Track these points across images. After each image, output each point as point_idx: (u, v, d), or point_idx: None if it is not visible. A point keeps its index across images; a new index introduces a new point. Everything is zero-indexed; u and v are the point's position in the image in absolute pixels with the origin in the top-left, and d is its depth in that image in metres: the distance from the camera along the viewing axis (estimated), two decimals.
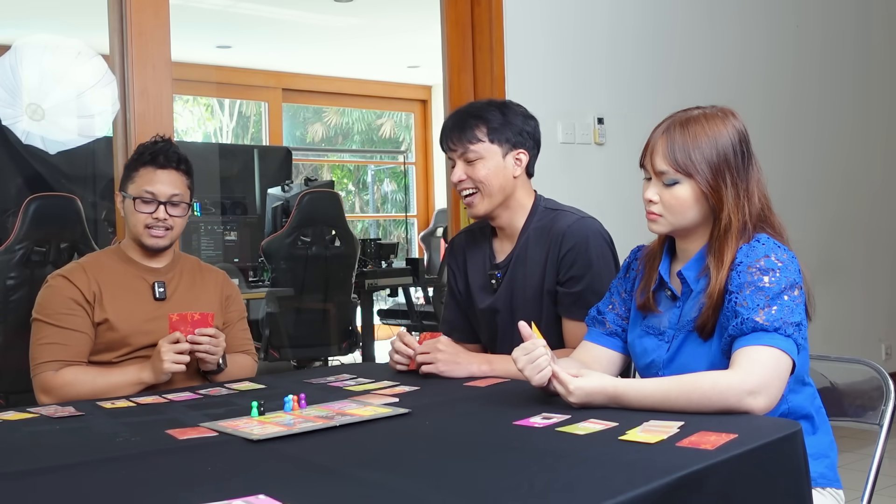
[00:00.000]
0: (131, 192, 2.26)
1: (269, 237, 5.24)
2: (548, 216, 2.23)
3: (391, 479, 1.27)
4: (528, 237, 2.23)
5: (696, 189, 1.71)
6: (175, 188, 2.27)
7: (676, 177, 1.71)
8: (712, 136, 1.71)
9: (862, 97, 5.21)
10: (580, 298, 2.12)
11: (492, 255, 2.32)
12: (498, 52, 3.56)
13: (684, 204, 1.72)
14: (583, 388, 1.62)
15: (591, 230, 2.18)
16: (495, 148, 2.20)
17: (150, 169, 2.25)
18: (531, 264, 2.21)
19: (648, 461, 1.30)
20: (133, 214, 2.25)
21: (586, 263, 2.14)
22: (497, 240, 2.33)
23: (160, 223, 2.24)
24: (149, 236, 2.25)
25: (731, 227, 1.70)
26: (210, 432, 1.56)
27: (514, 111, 2.25)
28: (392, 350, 2.17)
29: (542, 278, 2.19)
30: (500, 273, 2.26)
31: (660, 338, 1.79)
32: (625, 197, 3.67)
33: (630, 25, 4.06)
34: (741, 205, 1.70)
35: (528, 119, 2.27)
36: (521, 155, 2.23)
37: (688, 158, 1.70)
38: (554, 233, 2.19)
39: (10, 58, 3.34)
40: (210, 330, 2.16)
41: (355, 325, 5.46)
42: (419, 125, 9.10)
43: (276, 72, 7.96)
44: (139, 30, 2.85)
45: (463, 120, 2.22)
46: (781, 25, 4.76)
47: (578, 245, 2.15)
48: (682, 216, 1.73)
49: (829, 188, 4.97)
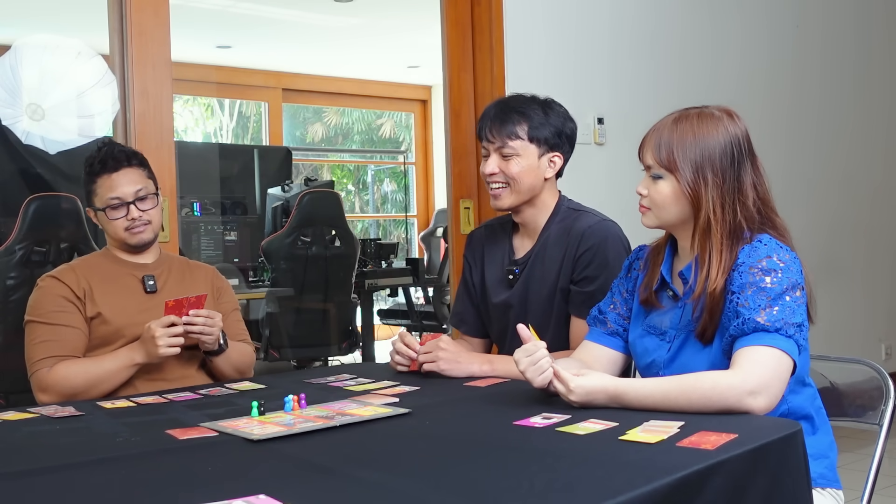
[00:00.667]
0: (98, 205, 2.26)
1: (269, 237, 5.24)
2: (570, 216, 2.24)
3: (391, 479, 1.27)
4: (549, 236, 2.23)
5: (676, 186, 1.72)
6: (136, 184, 2.26)
7: (660, 171, 1.74)
8: (699, 136, 1.72)
9: (862, 97, 5.21)
10: (592, 298, 2.12)
11: (511, 251, 2.32)
12: (498, 52, 3.56)
13: (666, 199, 1.74)
14: (583, 386, 1.63)
15: (610, 232, 2.19)
16: (533, 147, 2.19)
17: (104, 177, 2.25)
18: (549, 262, 2.22)
19: (648, 461, 1.30)
20: (109, 224, 2.26)
21: (602, 264, 2.15)
22: (517, 236, 2.33)
23: (137, 222, 2.25)
24: (132, 236, 2.26)
25: (710, 227, 1.70)
26: (210, 432, 1.56)
27: (557, 112, 2.24)
28: (393, 351, 2.18)
29: (557, 276, 2.19)
30: (518, 269, 2.26)
31: (661, 338, 1.79)
32: (625, 197, 3.66)
33: (630, 25, 4.06)
34: (727, 206, 1.70)
35: (567, 121, 2.26)
36: (556, 158, 2.22)
37: (671, 154, 1.72)
38: (574, 233, 2.19)
39: (10, 58, 3.34)
40: (204, 311, 2.17)
41: (355, 325, 5.46)
42: (419, 125, 9.10)
43: (276, 72, 7.96)
44: (139, 30, 2.85)
45: (505, 113, 2.20)
46: (781, 25, 4.76)
47: (596, 246, 2.16)
48: (665, 211, 1.75)
49: (830, 188, 4.96)
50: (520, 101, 2.24)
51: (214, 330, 2.20)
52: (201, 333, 2.17)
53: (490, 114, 2.23)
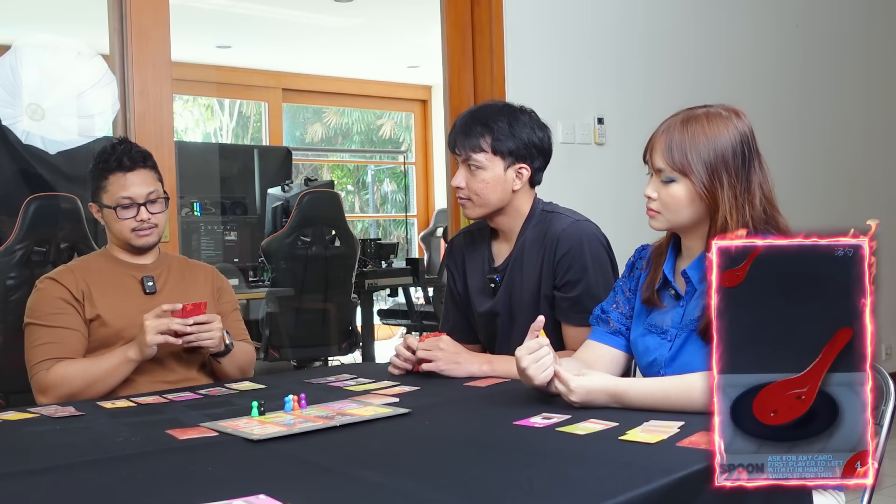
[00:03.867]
0: (107, 202, 2.25)
1: (269, 237, 5.24)
2: (545, 219, 2.22)
3: (391, 479, 1.27)
4: (525, 241, 2.22)
5: (691, 188, 1.71)
6: (149, 186, 2.26)
7: (673, 175, 1.72)
8: (711, 137, 1.70)
9: (863, 97, 5.21)
10: (577, 303, 2.12)
11: (490, 258, 2.30)
12: (498, 52, 3.56)
13: (680, 202, 1.72)
14: (584, 386, 1.63)
15: (585, 234, 2.16)
16: (497, 160, 2.17)
17: (118, 174, 2.23)
18: (528, 268, 2.20)
19: (648, 461, 1.31)
20: (116, 223, 2.25)
21: (581, 268, 2.13)
22: (496, 242, 2.31)
23: (145, 224, 2.25)
24: (137, 238, 2.26)
25: (727, 228, 1.69)
26: (210, 432, 1.56)
27: (523, 122, 2.19)
28: (395, 354, 2.16)
29: (538, 283, 2.18)
30: (499, 277, 2.25)
31: (662, 337, 1.79)
32: (625, 197, 3.68)
33: (630, 25, 4.06)
34: (740, 206, 1.70)
35: (536, 130, 2.21)
36: (523, 169, 2.19)
37: (684, 157, 1.70)
38: (549, 237, 2.17)
39: (10, 58, 3.34)
40: (203, 317, 2.16)
41: (355, 325, 5.46)
42: (419, 125, 9.10)
43: (276, 72, 7.96)
44: (139, 30, 2.85)
45: (470, 126, 2.18)
46: (781, 25, 4.76)
47: (573, 249, 2.14)
48: (678, 214, 1.74)
49: (831, 188, 4.96)
50: (487, 112, 2.20)
51: (215, 333, 2.19)
52: (197, 340, 2.16)
53: (457, 125, 2.22)
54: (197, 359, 2.29)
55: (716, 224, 1.70)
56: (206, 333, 2.16)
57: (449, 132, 2.26)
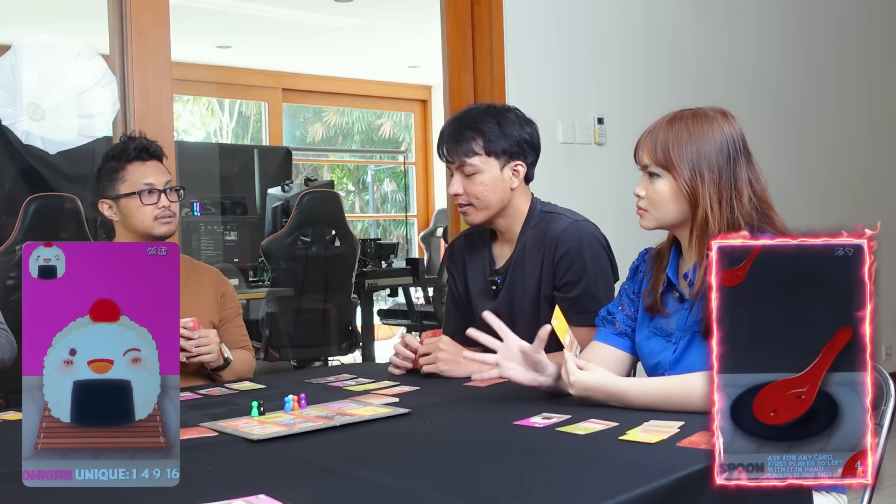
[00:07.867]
0: (126, 190, 2.25)
1: (269, 237, 5.24)
2: (544, 220, 2.22)
3: (391, 479, 1.27)
4: (526, 242, 2.22)
5: (674, 184, 1.73)
6: (166, 175, 2.30)
7: (657, 170, 1.75)
8: (694, 134, 1.73)
9: (863, 97, 5.21)
10: (577, 303, 2.12)
11: (491, 260, 2.30)
12: (498, 52, 3.56)
13: (664, 198, 1.75)
14: (583, 381, 1.64)
15: (584, 234, 2.17)
16: (492, 160, 2.17)
17: (137, 164, 2.26)
18: (529, 269, 2.20)
19: (648, 461, 1.31)
20: (139, 210, 2.24)
21: (581, 268, 2.13)
22: (497, 244, 2.31)
23: (167, 211, 2.26)
24: (160, 225, 2.25)
25: (708, 224, 1.71)
26: (210, 432, 1.56)
27: (511, 120, 2.20)
28: (394, 353, 2.17)
29: (539, 284, 2.18)
30: (500, 279, 2.25)
31: (667, 339, 1.80)
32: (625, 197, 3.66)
33: (631, 25, 4.06)
34: (723, 203, 1.71)
35: (525, 126, 2.22)
36: (519, 166, 2.20)
37: (668, 153, 1.73)
38: (548, 238, 2.18)
39: (10, 58, 3.34)
40: (195, 333, 2.17)
41: (355, 325, 5.46)
42: (419, 125, 9.10)
43: (276, 72, 7.96)
44: (139, 30, 2.85)
45: (459, 132, 2.18)
46: (781, 25, 4.76)
47: (573, 250, 2.14)
48: (663, 211, 1.76)
49: (830, 187, 4.96)
50: (473, 116, 2.21)
51: (213, 348, 2.20)
52: (190, 357, 2.17)
53: (445, 134, 2.22)
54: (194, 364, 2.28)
55: (696, 220, 1.72)
56: (206, 348, 2.17)
57: (437, 142, 2.25)
